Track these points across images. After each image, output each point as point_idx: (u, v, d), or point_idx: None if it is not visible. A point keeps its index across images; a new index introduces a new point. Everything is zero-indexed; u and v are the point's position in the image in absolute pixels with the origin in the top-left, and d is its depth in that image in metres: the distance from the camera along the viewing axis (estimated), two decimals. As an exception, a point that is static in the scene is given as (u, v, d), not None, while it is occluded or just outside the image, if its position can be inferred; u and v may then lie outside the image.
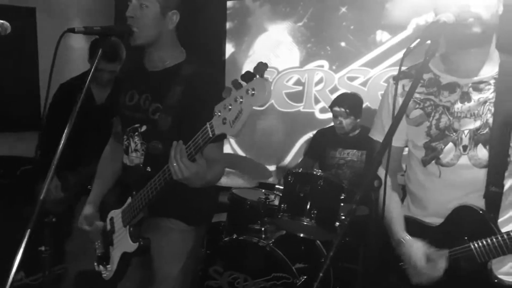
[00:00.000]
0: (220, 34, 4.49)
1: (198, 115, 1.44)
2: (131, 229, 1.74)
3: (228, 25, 4.50)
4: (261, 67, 1.22)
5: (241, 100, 1.26)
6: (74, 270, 2.61)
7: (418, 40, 1.21)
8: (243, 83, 1.26)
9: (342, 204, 2.55)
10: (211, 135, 1.36)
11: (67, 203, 2.66)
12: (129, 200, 1.75)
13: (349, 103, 3.21)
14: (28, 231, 1.18)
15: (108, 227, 1.87)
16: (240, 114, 1.26)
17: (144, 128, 1.78)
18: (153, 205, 1.68)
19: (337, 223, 2.50)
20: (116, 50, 2.62)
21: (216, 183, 1.79)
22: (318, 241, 2.81)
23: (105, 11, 4.58)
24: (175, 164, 1.45)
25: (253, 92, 1.23)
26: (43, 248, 2.17)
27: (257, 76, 1.23)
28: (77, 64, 3.84)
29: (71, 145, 1.39)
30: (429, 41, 1.23)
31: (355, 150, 3.26)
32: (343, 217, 2.54)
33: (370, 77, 3.87)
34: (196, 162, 1.46)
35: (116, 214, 1.83)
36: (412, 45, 1.19)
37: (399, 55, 3.68)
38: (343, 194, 2.52)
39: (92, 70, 1.49)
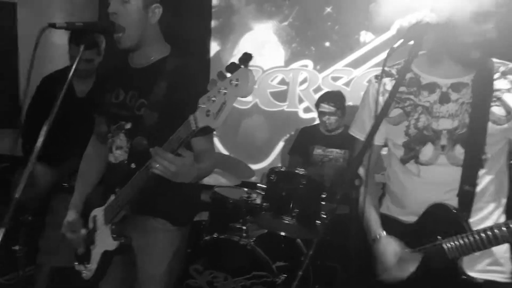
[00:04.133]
0: (205, 32, 4.47)
1: (182, 108, 1.41)
2: (113, 226, 1.71)
3: (213, 23, 4.48)
4: (246, 58, 1.20)
5: (224, 91, 1.23)
6: (47, 266, 2.55)
7: (402, 40, 1.23)
8: (228, 74, 1.24)
9: (323, 202, 2.56)
10: (194, 128, 1.33)
11: (42, 199, 2.60)
12: (112, 197, 1.72)
13: (336, 100, 3.25)
14: (3, 230, 1.15)
15: (91, 225, 1.83)
16: (223, 106, 1.23)
17: (129, 125, 1.75)
18: (139, 204, 1.66)
19: (318, 222, 2.51)
20: (91, 36, 2.54)
21: (209, 175, 1.75)
22: (298, 240, 2.82)
23: (89, 6, 4.51)
24: (158, 165, 1.41)
25: (236, 82, 1.20)
26: (17, 248, 2.12)
27: (242, 66, 1.21)
28: (59, 60, 3.76)
29: (51, 140, 1.35)
30: (412, 42, 1.25)
31: (338, 149, 3.28)
32: (324, 216, 2.55)
33: (353, 77, 3.90)
34: (181, 156, 1.42)
35: (99, 212, 1.80)
36: (396, 45, 1.21)
37: (383, 55, 3.68)
38: (324, 193, 2.53)
39: (74, 65, 1.47)
